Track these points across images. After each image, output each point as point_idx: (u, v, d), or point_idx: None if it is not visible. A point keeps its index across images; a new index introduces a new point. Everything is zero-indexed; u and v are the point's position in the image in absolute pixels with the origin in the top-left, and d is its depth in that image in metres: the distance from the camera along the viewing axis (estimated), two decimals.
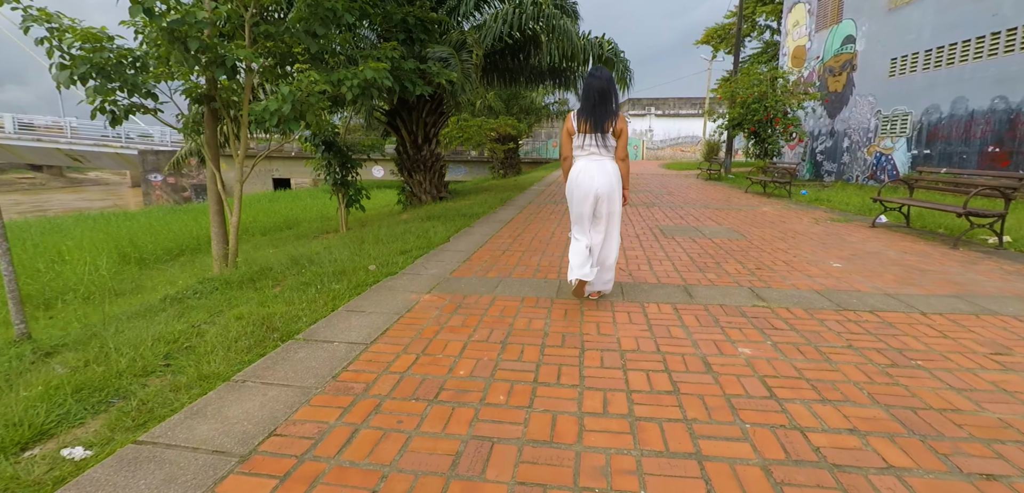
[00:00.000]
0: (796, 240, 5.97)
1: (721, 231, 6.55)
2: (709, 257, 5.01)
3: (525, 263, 4.73)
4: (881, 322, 3.15)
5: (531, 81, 12.33)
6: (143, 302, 4.10)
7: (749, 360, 2.58)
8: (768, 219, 7.69)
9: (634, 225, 7.00)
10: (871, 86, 14.86)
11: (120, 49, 4.26)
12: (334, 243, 6.66)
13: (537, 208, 8.86)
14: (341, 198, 7.10)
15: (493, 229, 6.58)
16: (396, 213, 11.80)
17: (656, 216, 7.87)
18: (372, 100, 5.20)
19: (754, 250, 5.38)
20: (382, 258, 4.84)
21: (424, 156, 12.15)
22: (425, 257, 4.98)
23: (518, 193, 12.01)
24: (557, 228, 6.69)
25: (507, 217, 7.65)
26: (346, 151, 6.97)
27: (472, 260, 4.83)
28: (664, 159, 36.57)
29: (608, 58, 11.00)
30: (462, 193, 13.33)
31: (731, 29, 27.16)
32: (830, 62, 16.69)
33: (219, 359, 2.56)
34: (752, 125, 16.09)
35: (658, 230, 6.60)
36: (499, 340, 2.83)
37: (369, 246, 5.57)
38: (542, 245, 5.59)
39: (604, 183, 3.22)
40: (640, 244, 5.71)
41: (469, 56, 7.82)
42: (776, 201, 10.31)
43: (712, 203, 9.83)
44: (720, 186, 14.22)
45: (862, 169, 15.13)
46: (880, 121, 14.46)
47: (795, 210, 8.84)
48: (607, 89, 3.19)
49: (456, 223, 6.97)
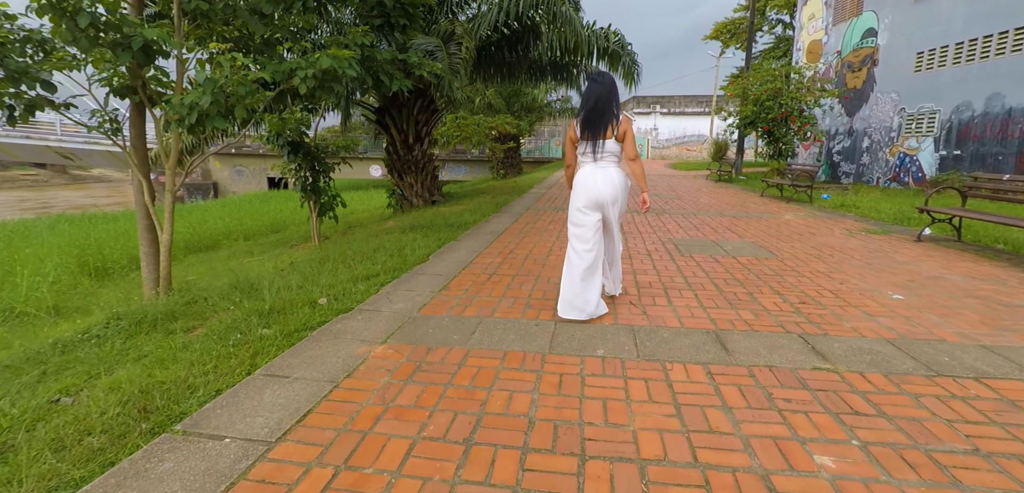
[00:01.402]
0: (836, 259, 5.08)
1: (745, 246, 5.66)
2: (738, 284, 4.13)
3: (514, 293, 3.85)
4: (999, 399, 2.27)
5: (531, 77, 11.45)
6: (29, 347, 3.26)
7: (836, 482, 1.71)
8: (794, 230, 6.80)
9: (644, 238, 6.12)
10: (894, 82, 13.89)
11: (6, 32, 3.42)
12: (300, 259, 5.81)
13: (535, 216, 7.99)
14: (312, 206, 6.25)
15: (482, 243, 5.71)
16: (384, 218, 10.96)
17: (668, 226, 6.98)
18: (335, 94, 4.34)
19: (790, 273, 4.49)
20: (340, 286, 3.98)
21: (415, 156, 11.29)
22: (394, 284, 4.12)
23: (516, 197, 11.14)
24: (556, 243, 5.83)
25: (500, 227, 6.78)
26: (317, 152, 6.10)
27: (450, 289, 3.97)
28: (670, 158, 35.59)
29: (614, 51, 10.11)
30: (457, 196, 12.47)
31: (741, 24, 26.19)
32: (849, 57, 15.72)
33: (31, 484, 1.70)
34: (766, 124, 15.17)
35: (672, 245, 5.72)
36: (462, 436, 1.97)
37: (333, 267, 4.71)
38: (537, 266, 4.72)
39: (608, 190, 3.15)
40: (653, 263, 4.83)
41: (458, 49, 6.94)
42: (796, 207, 9.40)
43: (727, 209, 8.93)
44: (732, 189, 13.30)
45: (883, 170, 14.17)
46: (904, 119, 13.51)
47: (822, 218, 7.93)
48: (608, 94, 3.10)
49: (441, 235, 6.11)
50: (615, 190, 3.16)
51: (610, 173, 3.15)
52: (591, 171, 3.15)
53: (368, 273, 4.36)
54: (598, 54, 10.17)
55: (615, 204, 3.21)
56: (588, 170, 3.17)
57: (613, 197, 3.16)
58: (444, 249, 5.39)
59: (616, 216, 3.30)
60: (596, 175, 3.14)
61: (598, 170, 3.14)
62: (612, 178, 3.15)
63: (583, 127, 3.13)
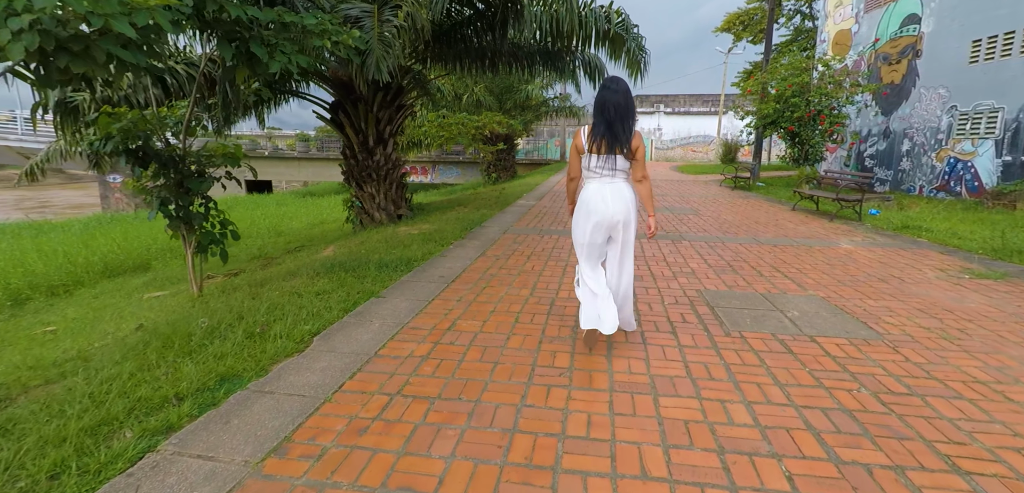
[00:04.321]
0: (977, 341, 3.14)
1: (819, 312, 3.71)
2: (849, 425, 2.20)
3: (444, 439, 1.95)
4: None
5: (516, 66, 9.51)
6: None
7: None
8: (869, 271, 4.86)
9: (661, 287, 4.19)
10: (943, 75, 11.93)
11: None
12: (151, 324, 3.89)
13: (513, 244, 6.06)
14: (187, 241, 4.28)
15: (415, 304, 3.78)
16: (335, 238, 9.07)
17: (692, 262, 5.05)
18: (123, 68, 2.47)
19: (928, 386, 2.56)
20: (148, 402, 2.07)
21: (377, 162, 9.37)
22: (245, 393, 2.21)
23: (497, 211, 9.21)
24: (533, 296, 3.90)
25: (456, 267, 4.85)
26: (179, 163, 4.10)
27: (325, 418, 2.06)
28: (675, 160, 33.60)
29: (617, 34, 8.16)
30: (428, 209, 10.52)
31: (755, 14, 24.16)
32: (885, 48, 13.75)
33: None
34: (791, 124, 13.23)
35: (705, 306, 3.78)
36: None
37: (179, 349, 2.80)
38: (494, 353, 2.81)
39: (621, 209, 2.78)
40: (681, 350, 2.90)
41: (394, 14, 5.00)
42: (845, 227, 7.45)
43: (761, 232, 6.99)
44: (755, 200, 11.36)
45: (929, 178, 12.20)
46: (955, 119, 11.54)
47: (891, 249, 5.99)
48: (626, 103, 2.71)
49: (364, 284, 4.18)
50: (627, 208, 2.80)
51: (621, 189, 2.81)
52: (598, 188, 2.82)
53: (220, 373, 2.47)
54: (597, 38, 8.22)
55: (629, 226, 2.84)
56: (595, 186, 2.83)
57: (626, 217, 2.81)
58: (350, 318, 3.45)
59: (630, 239, 2.89)
60: (605, 191, 2.80)
61: (607, 186, 2.80)
62: (624, 194, 2.81)
63: (596, 137, 2.75)
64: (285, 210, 18.97)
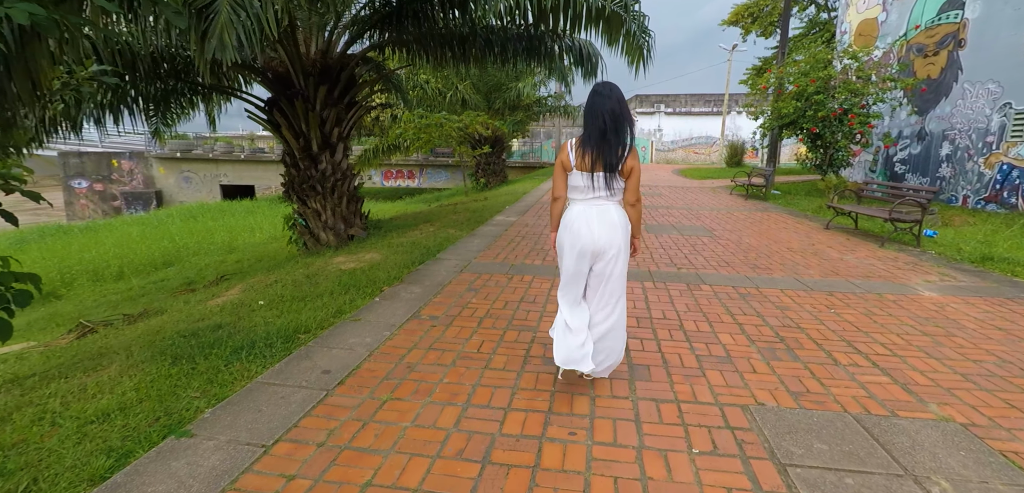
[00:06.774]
0: None
1: (976, 467, 2.04)
2: None
3: None
4: None
5: (488, 54, 7.83)
6: None
7: None
8: (989, 346, 3.18)
9: (676, 388, 2.52)
10: (993, 68, 10.25)
11: None
12: None
13: (466, 291, 4.37)
14: None
15: (316, 392, 2.10)
16: (273, 268, 7.41)
17: (718, 326, 3.37)
18: None
19: None
20: None
21: (323, 171, 7.71)
22: None
23: (468, 231, 7.53)
24: (457, 429, 2.24)
25: (365, 346, 3.16)
26: None
27: None
28: (676, 162, 31.91)
29: (614, 13, 6.49)
30: (386, 228, 8.82)
31: (765, 6, 22.47)
32: (920, 38, 12.08)
33: None
34: (813, 124, 11.55)
35: (763, 448, 2.10)
36: None
37: None
38: None
39: (605, 236, 2.44)
40: None
41: None
42: (900, 254, 5.77)
43: (800, 264, 5.31)
44: (775, 213, 9.68)
45: (975, 186, 10.52)
46: (1010, 119, 9.86)
47: (994, 298, 4.30)
48: (619, 113, 2.36)
49: (206, 385, 2.51)
50: (614, 235, 2.44)
51: (609, 212, 2.46)
52: (584, 209, 2.47)
53: None
54: (588, 17, 6.55)
55: (618, 256, 2.46)
56: (581, 208, 2.48)
57: (615, 246, 2.44)
58: (219, 409, 1.78)
59: (618, 272, 2.49)
60: (590, 214, 2.45)
61: (593, 208, 2.46)
62: (612, 219, 2.45)
63: (585, 152, 2.39)
64: (250, 221, 17.31)
